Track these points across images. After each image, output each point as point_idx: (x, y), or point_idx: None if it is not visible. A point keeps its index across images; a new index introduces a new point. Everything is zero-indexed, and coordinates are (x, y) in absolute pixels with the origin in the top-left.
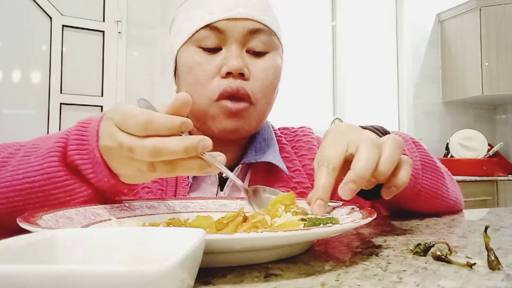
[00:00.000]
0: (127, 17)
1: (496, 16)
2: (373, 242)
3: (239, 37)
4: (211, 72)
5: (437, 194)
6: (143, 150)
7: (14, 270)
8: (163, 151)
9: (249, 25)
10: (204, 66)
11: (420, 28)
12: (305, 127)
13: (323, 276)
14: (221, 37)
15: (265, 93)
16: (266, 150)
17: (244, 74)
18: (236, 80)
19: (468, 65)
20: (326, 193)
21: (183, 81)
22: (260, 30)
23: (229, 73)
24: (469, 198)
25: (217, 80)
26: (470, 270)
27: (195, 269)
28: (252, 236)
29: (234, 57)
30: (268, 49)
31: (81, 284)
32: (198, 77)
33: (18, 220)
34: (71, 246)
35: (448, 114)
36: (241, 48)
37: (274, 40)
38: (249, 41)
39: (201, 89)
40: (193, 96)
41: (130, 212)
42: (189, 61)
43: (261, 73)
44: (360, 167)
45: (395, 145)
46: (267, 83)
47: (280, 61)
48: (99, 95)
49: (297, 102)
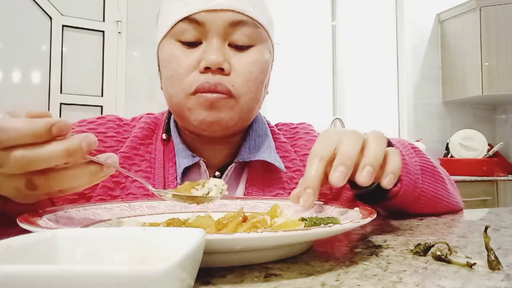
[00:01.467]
0: (127, 17)
1: (496, 16)
2: (373, 242)
3: (219, 30)
4: (189, 66)
5: (437, 198)
6: (11, 161)
7: (14, 270)
8: (36, 159)
9: (231, 17)
10: (182, 60)
11: (420, 28)
12: (305, 124)
13: (323, 276)
14: (201, 30)
15: (249, 88)
16: (261, 147)
17: (224, 69)
18: (215, 75)
19: (468, 65)
20: (315, 181)
21: (163, 75)
22: (243, 22)
23: (208, 68)
24: (469, 198)
25: (194, 75)
26: (470, 270)
27: (195, 269)
28: (252, 236)
29: (214, 51)
30: (253, 42)
31: (81, 284)
32: (175, 71)
33: (18, 220)
34: (71, 246)
35: (448, 114)
36: (223, 42)
37: (261, 33)
38: (231, 34)
39: (177, 82)
40: (170, 90)
41: (130, 212)
42: (167, 54)
43: (244, 67)
44: (344, 150)
45: (377, 135)
46: (251, 77)
47: (268, 56)
48: (99, 95)
49: (297, 102)
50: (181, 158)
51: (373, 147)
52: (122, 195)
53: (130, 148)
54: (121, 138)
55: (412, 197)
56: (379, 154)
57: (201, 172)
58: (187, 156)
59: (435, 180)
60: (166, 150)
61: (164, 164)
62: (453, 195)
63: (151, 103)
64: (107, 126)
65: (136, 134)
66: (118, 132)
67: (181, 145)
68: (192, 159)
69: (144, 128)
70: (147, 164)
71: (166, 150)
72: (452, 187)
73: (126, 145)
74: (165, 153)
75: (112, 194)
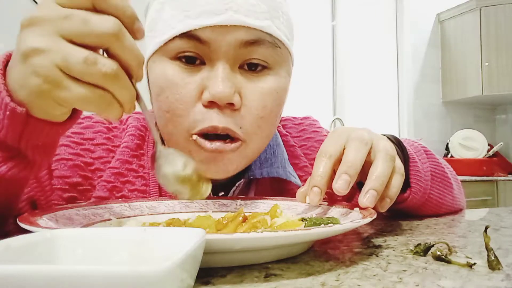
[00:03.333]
0: None
1: (496, 16)
2: (373, 242)
3: (229, 52)
4: (190, 96)
5: (442, 204)
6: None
7: (14, 270)
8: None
9: (244, 36)
10: (181, 89)
11: (420, 28)
12: (310, 119)
13: (323, 276)
14: (204, 50)
15: (260, 127)
16: (274, 161)
17: (234, 104)
18: (223, 112)
19: (468, 65)
20: (322, 180)
21: (155, 103)
22: (260, 41)
23: (213, 101)
24: (469, 198)
25: (198, 110)
26: (470, 270)
27: (195, 269)
28: (252, 236)
29: (220, 80)
30: (270, 65)
31: (82, 284)
32: (174, 106)
33: (18, 220)
34: (71, 246)
35: (448, 114)
36: (232, 65)
37: (281, 53)
38: (244, 55)
39: (178, 120)
40: (169, 127)
41: (130, 212)
42: (160, 78)
43: (257, 100)
44: (348, 158)
45: (387, 153)
46: (264, 113)
47: (287, 80)
48: None
49: (297, 102)
50: None
51: (380, 169)
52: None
53: (121, 162)
54: (111, 147)
55: (419, 203)
56: (385, 179)
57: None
58: None
59: (443, 186)
60: None
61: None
62: (457, 199)
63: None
64: (95, 130)
65: (127, 144)
66: (108, 139)
67: None
68: None
69: (135, 135)
70: (142, 181)
71: None
72: (457, 188)
73: (117, 159)
74: None
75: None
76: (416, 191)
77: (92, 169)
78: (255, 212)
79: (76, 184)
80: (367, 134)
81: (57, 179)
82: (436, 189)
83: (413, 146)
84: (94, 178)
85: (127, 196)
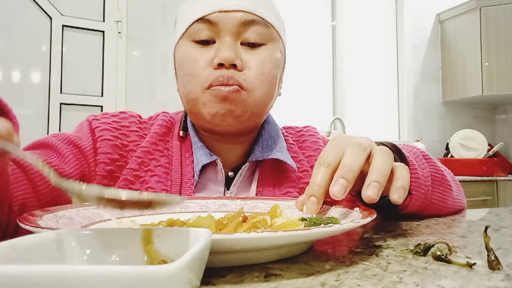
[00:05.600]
0: (127, 17)
1: (496, 16)
2: (373, 242)
3: (232, 29)
4: (204, 63)
5: (442, 207)
6: None
7: (21, 270)
8: None
9: (242, 17)
10: (197, 58)
11: (420, 28)
12: (310, 127)
13: (323, 276)
14: (214, 29)
15: (261, 82)
16: (273, 147)
17: (237, 65)
18: (228, 70)
19: (468, 65)
20: (320, 190)
21: (179, 75)
22: (255, 21)
23: (221, 64)
24: (469, 198)
25: (209, 71)
26: (470, 270)
27: (201, 269)
28: (252, 236)
29: (226, 48)
30: (265, 40)
31: (90, 284)
32: (192, 69)
33: (19, 220)
34: (77, 246)
35: (448, 114)
36: (235, 40)
37: (271, 33)
38: (243, 32)
39: (195, 79)
40: (188, 86)
41: (130, 212)
42: (183, 54)
43: (256, 63)
44: (345, 163)
45: (384, 149)
46: (263, 71)
47: (279, 54)
48: (99, 95)
49: (297, 102)
50: (199, 156)
51: (380, 164)
52: (141, 189)
53: (150, 143)
54: (142, 134)
55: (420, 208)
56: (386, 170)
57: (217, 171)
58: (205, 154)
59: (443, 190)
60: (183, 147)
61: (181, 161)
62: (457, 200)
63: (151, 103)
64: (130, 121)
65: (156, 130)
66: (140, 128)
67: (199, 143)
68: (210, 157)
69: (162, 125)
70: (166, 160)
71: (183, 148)
72: (457, 189)
73: (146, 141)
74: (182, 150)
75: (132, 187)
76: (417, 198)
77: (127, 149)
78: (255, 212)
79: (115, 160)
80: (367, 141)
81: (100, 155)
82: (437, 193)
83: (412, 152)
84: (128, 157)
85: (152, 170)
